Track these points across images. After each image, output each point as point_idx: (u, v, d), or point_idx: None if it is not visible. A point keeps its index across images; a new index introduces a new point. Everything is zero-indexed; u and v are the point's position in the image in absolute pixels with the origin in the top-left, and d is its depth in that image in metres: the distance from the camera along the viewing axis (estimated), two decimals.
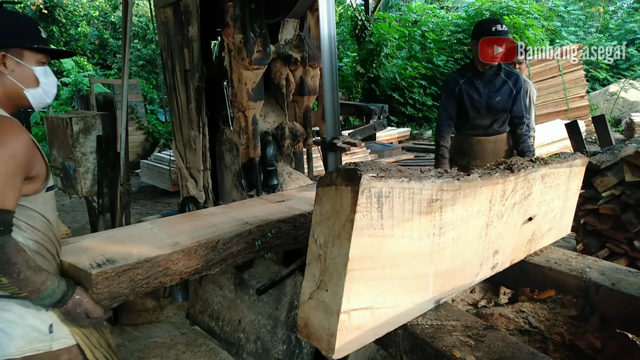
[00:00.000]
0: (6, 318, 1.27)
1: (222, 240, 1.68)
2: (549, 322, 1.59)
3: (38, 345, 1.30)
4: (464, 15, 12.29)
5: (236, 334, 2.58)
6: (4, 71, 1.26)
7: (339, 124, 2.54)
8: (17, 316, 1.28)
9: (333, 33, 2.36)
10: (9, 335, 1.27)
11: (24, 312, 1.29)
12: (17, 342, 1.28)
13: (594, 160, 2.96)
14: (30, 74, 1.31)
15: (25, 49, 1.29)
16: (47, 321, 1.31)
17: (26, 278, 1.19)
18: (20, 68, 1.29)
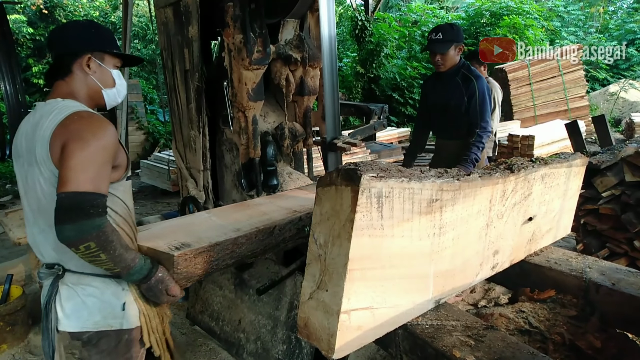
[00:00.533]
0: (89, 292, 1.39)
1: (278, 226, 1.85)
2: (549, 322, 1.59)
3: (111, 321, 1.42)
4: (464, 16, 12.28)
5: (236, 334, 2.58)
6: (87, 72, 1.43)
7: (339, 124, 2.54)
8: (98, 291, 1.40)
9: (333, 33, 2.36)
10: (89, 308, 1.39)
11: (104, 288, 1.41)
12: (95, 315, 1.40)
13: (594, 160, 2.97)
14: (109, 75, 1.48)
15: (106, 53, 1.46)
16: (122, 299, 1.43)
17: (120, 255, 1.30)
18: (101, 70, 1.45)
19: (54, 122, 1.29)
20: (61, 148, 1.25)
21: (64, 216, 1.20)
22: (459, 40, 2.82)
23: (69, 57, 1.41)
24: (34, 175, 1.33)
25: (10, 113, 6.98)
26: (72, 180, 1.21)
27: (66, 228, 1.20)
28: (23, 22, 14.31)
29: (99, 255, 1.26)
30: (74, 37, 1.43)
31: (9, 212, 3.57)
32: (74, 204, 1.20)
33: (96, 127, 1.29)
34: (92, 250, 1.23)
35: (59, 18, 15.31)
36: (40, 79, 14.55)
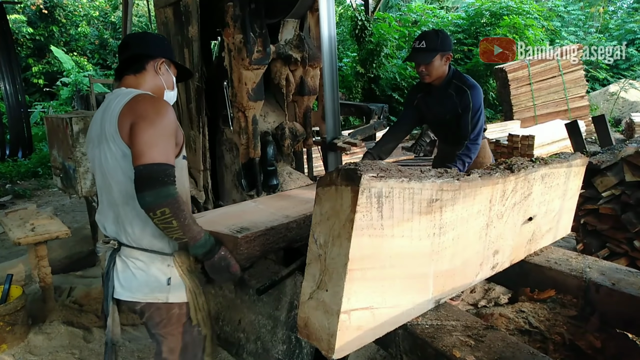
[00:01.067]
0: (138, 266, 1.54)
1: None
2: (549, 322, 1.59)
3: (158, 294, 1.55)
4: (464, 16, 12.28)
5: (236, 334, 2.58)
6: (158, 72, 1.65)
7: (339, 124, 2.54)
8: (144, 265, 1.54)
9: (333, 33, 2.36)
10: (138, 280, 1.54)
11: (149, 263, 1.54)
12: (143, 288, 1.54)
13: (594, 160, 2.96)
14: (171, 80, 1.72)
15: (172, 62, 1.72)
16: (167, 274, 1.56)
17: (189, 225, 1.45)
18: (167, 74, 1.69)
19: (121, 103, 1.47)
20: (130, 126, 1.42)
21: (144, 185, 1.36)
22: (446, 49, 2.51)
23: (145, 57, 1.63)
24: (103, 153, 1.49)
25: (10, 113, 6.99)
26: (147, 153, 1.38)
27: (146, 194, 1.36)
28: (23, 22, 14.31)
29: (172, 222, 1.40)
30: (152, 43, 1.67)
31: (9, 212, 3.57)
32: (151, 174, 1.37)
33: (160, 107, 1.48)
34: (166, 216, 1.38)
35: (58, 18, 15.31)
36: (40, 79, 14.57)
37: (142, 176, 1.37)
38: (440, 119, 2.72)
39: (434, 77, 2.56)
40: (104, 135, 1.49)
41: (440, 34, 2.55)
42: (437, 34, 2.53)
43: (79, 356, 2.72)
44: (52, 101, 13.52)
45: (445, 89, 2.59)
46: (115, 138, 1.45)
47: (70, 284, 3.46)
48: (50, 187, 7.53)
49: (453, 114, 2.58)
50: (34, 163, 8.41)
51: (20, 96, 7.01)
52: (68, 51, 15.38)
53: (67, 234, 3.14)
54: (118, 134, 1.45)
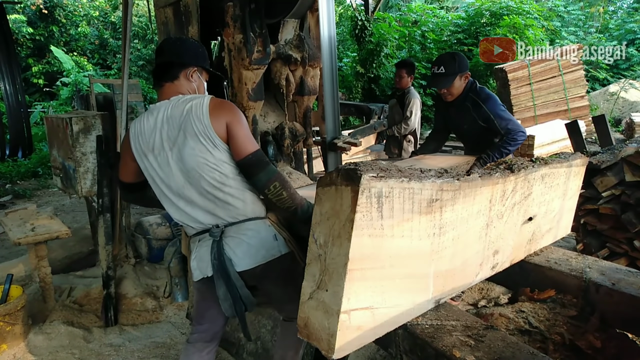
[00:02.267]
0: (250, 235, 1.71)
1: None
2: (549, 322, 1.59)
3: (272, 251, 1.73)
4: (464, 16, 12.28)
5: (236, 334, 2.58)
6: (190, 80, 1.77)
7: (339, 124, 2.54)
8: (255, 232, 1.72)
9: (333, 33, 2.36)
10: (255, 247, 1.70)
11: (257, 228, 1.73)
12: (260, 250, 1.71)
13: (594, 160, 2.96)
14: (203, 86, 1.84)
15: (204, 70, 1.83)
16: (272, 232, 1.77)
17: (294, 193, 1.71)
18: (199, 81, 1.81)
19: (204, 105, 1.63)
20: (227, 125, 1.62)
21: (257, 168, 1.63)
22: (463, 71, 2.74)
23: (178, 65, 1.74)
24: (187, 151, 1.62)
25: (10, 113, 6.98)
26: (249, 145, 1.64)
27: (261, 175, 1.63)
28: (23, 22, 14.32)
29: (282, 193, 1.66)
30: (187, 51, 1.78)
31: (9, 212, 3.58)
32: (258, 159, 1.64)
33: (236, 108, 1.70)
34: (277, 189, 1.64)
35: (58, 18, 15.32)
36: (40, 79, 14.58)
37: (253, 162, 1.63)
38: (460, 129, 3.00)
39: (456, 95, 2.81)
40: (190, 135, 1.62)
41: (457, 57, 2.78)
42: (453, 58, 2.76)
43: (79, 356, 2.72)
44: (52, 101, 13.52)
45: (463, 102, 2.81)
46: (208, 132, 1.60)
47: (70, 284, 3.46)
48: (50, 187, 7.53)
49: (471, 126, 2.82)
50: (34, 163, 8.41)
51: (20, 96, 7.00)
52: (68, 51, 15.39)
53: (67, 234, 3.15)
54: (212, 129, 1.61)
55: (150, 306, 3.24)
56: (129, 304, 3.23)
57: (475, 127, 2.79)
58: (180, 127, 1.64)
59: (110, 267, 3.14)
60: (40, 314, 3.07)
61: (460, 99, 2.82)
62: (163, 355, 2.72)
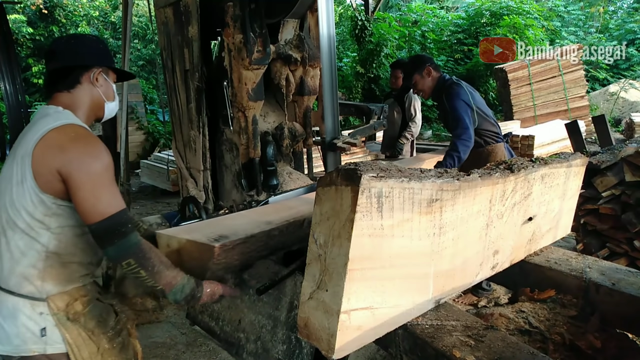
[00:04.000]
0: (4, 314, 1.32)
1: (306, 219, 1.90)
2: (549, 322, 1.59)
3: (32, 346, 1.33)
4: (464, 15, 12.29)
5: (236, 334, 2.58)
6: (95, 85, 1.47)
7: (339, 124, 2.54)
8: (11, 313, 1.32)
9: (333, 33, 2.36)
10: (6, 331, 1.32)
11: (16, 310, 1.32)
12: (13, 340, 1.32)
13: (594, 160, 2.96)
14: (111, 89, 1.54)
15: (110, 69, 1.53)
16: (40, 324, 1.34)
17: (160, 271, 1.33)
18: (106, 84, 1.51)
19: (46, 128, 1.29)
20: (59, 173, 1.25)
21: (104, 242, 1.27)
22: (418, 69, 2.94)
23: (79, 69, 1.44)
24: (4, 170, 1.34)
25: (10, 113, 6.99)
26: (95, 209, 1.25)
27: (108, 251, 1.28)
28: (23, 22, 14.31)
29: (139, 271, 1.30)
30: (85, 52, 1.47)
31: None
32: (107, 230, 1.26)
33: (93, 150, 1.30)
34: (132, 267, 1.29)
35: (58, 18, 15.31)
36: (40, 78, 14.56)
37: (99, 234, 1.26)
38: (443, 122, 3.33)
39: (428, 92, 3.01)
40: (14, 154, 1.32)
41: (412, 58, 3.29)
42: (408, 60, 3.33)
43: None
44: None
45: (437, 97, 3.02)
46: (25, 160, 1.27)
47: None
48: None
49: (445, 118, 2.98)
50: None
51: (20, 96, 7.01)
52: None
53: None
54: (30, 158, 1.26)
55: (150, 306, 3.24)
56: (129, 304, 3.23)
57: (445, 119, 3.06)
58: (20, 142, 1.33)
59: (110, 267, 3.14)
60: None
61: (436, 94, 3.00)
62: (163, 355, 2.72)
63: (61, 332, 1.35)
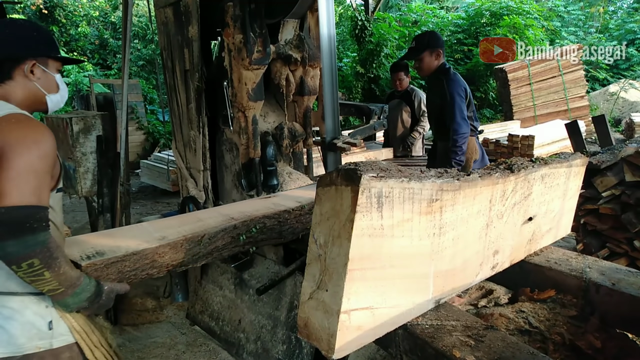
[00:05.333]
0: (6, 315, 1.27)
1: (207, 234, 1.75)
2: (549, 322, 1.59)
3: (38, 342, 1.30)
4: (464, 16, 12.28)
5: (236, 334, 2.58)
6: (31, 78, 1.34)
7: (339, 124, 2.54)
8: (16, 312, 1.28)
9: (333, 33, 2.36)
10: (8, 332, 1.27)
11: (22, 308, 1.28)
12: (18, 339, 1.28)
13: (594, 160, 2.96)
14: (53, 81, 1.41)
15: (50, 58, 1.38)
16: (47, 317, 1.31)
17: (65, 272, 1.22)
18: (45, 76, 1.37)
19: None
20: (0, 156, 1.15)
21: (5, 232, 1.11)
22: (432, 47, 2.87)
23: (9, 62, 1.31)
24: None
25: None
26: (14, 192, 1.12)
27: (8, 244, 1.11)
28: None
29: (43, 273, 1.17)
30: (15, 42, 1.33)
31: None
32: (17, 219, 1.12)
33: (38, 134, 1.21)
34: (35, 268, 1.15)
35: (58, 18, 15.32)
36: None
37: (4, 221, 1.11)
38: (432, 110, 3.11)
39: (427, 72, 2.95)
40: None
41: (429, 34, 2.97)
42: (425, 34, 2.98)
43: None
44: None
45: (434, 82, 2.96)
46: None
47: None
48: None
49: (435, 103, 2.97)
50: None
51: None
52: (68, 51, 15.38)
53: (67, 234, 3.14)
54: None
55: (150, 306, 3.24)
56: (129, 304, 3.23)
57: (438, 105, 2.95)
58: None
59: None
60: None
61: (432, 79, 2.98)
62: (163, 355, 2.72)
63: (67, 322, 1.34)
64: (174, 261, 1.65)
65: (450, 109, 2.80)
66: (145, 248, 1.56)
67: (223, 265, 2.72)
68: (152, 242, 1.60)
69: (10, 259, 1.14)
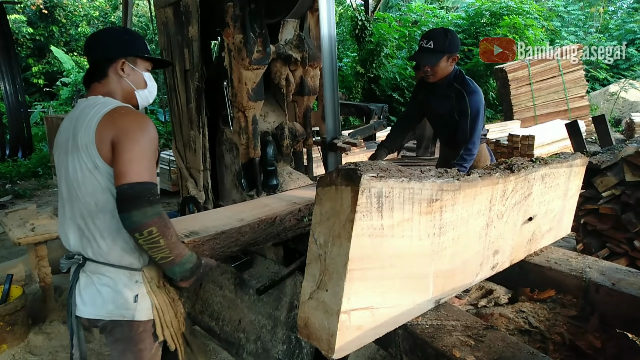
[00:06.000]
0: (104, 282, 1.46)
1: (278, 216, 2.01)
2: (549, 322, 1.59)
3: (124, 312, 1.47)
4: (464, 16, 12.28)
5: (236, 334, 2.58)
6: (122, 75, 1.55)
7: (339, 124, 2.54)
8: (111, 281, 1.46)
9: (333, 33, 2.36)
10: (103, 297, 1.46)
11: (117, 279, 1.46)
12: (108, 305, 1.46)
13: (594, 160, 2.97)
14: (141, 78, 1.60)
15: (138, 58, 1.59)
16: (135, 291, 1.48)
17: (175, 242, 1.41)
18: (134, 73, 1.57)
19: (100, 113, 1.40)
20: (112, 143, 1.37)
21: (130, 205, 1.32)
22: (453, 51, 2.45)
23: (105, 62, 1.53)
24: (71, 163, 1.43)
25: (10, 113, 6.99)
26: (132, 172, 1.34)
27: (132, 215, 1.31)
28: (23, 22, 14.31)
29: (159, 240, 1.36)
30: (109, 44, 1.55)
31: (9, 212, 3.57)
32: (137, 193, 1.32)
33: (143, 123, 1.41)
34: (153, 236, 1.34)
35: (58, 18, 15.31)
36: (40, 78, 14.57)
37: (128, 196, 1.32)
38: (439, 118, 2.69)
39: (439, 78, 2.51)
40: (75, 145, 1.42)
41: (449, 34, 2.46)
42: (445, 34, 2.45)
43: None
44: (52, 101, 13.53)
45: (446, 89, 2.53)
46: (90, 149, 1.38)
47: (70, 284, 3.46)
48: (50, 187, 7.53)
49: (450, 116, 2.53)
50: (34, 163, 8.41)
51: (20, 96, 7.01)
52: (68, 51, 15.39)
53: None
54: (94, 145, 1.38)
55: None
56: None
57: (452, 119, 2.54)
58: (73, 134, 1.44)
59: None
60: (40, 314, 3.07)
61: (444, 86, 2.53)
62: None
63: (151, 298, 1.49)
64: (252, 240, 1.89)
65: (470, 127, 2.43)
66: (230, 228, 1.79)
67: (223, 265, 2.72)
68: (234, 223, 1.84)
69: (134, 227, 1.32)
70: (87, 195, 1.41)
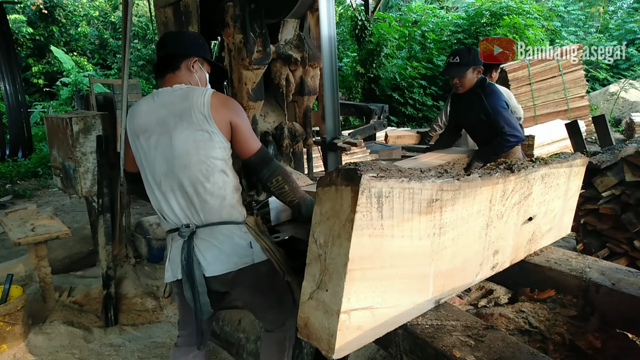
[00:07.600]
0: (222, 240, 1.68)
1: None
2: (549, 322, 1.59)
3: (245, 259, 1.70)
4: (464, 15, 12.28)
5: (236, 334, 2.58)
6: (192, 70, 1.80)
7: (339, 124, 2.54)
8: (227, 237, 1.69)
9: (333, 33, 2.36)
10: (226, 252, 1.68)
11: (231, 233, 1.70)
12: (232, 257, 1.68)
13: (594, 160, 2.96)
14: (205, 77, 1.86)
15: (206, 61, 1.86)
16: (247, 239, 1.73)
17: (296, 187, 1.81)
18: (201, 71, 1.83)
19: (206, 95, 1.65)
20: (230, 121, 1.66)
21: (261, 166, 1.74)
22: (477, 64, 2.88)
23: (180, 56, 1.77)
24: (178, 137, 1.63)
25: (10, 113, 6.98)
26: (254, 142, 1.74)
27: (264, 172, 1.74)
28: (23, 22, 14.32)
29: (284, 186, 1.76)
30: (186, 42, 1.81)
31: (9, 212, 3.58)
32: (263, 156, 1.75)
33: (238, 104, 1.77)
34: (280, 183, 1.75)
35: (58, 18, 15.32)
36: (40, 78, 14.57)
37: (258, 161, 1.73)
38: (468, 123, 3.13)
39: (467, 88, 2.91)
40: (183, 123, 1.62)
41: (473, 50, 2.94)
42: (469, 51, 2.92)
43: (79, 356, 2.72)
44: (52, 101, 13.53)
45: (470, 96, 2.92)
46: (208, 125, 1.62)
47: (70, 284, 3.47)
48: (50, 187, 7.53)
49: (477, 120, 2.92)
50: (34, 163, 8.41)
51: (20, 96, 7.01)
52: (68, 51, 15.39)
53: (67, 234, 3.14)
54: (214, 123, 1.63)
55: (150, 306, 3.24)
56: (129, 304, 3.23)
57: (482, 121, 2.90)
58: (178, 114, 1.64)
59: (110, 267, 3.14)
60: (40, 314, 3.07)
61: (469, 94, 2.93)
62: (163, 355, 2.72)
63: (259, 242, 1.75)
64: None
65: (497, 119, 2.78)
66: None
67: None
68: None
69: (268, 178, 1.75)
70: (199, 163, 1.63)
